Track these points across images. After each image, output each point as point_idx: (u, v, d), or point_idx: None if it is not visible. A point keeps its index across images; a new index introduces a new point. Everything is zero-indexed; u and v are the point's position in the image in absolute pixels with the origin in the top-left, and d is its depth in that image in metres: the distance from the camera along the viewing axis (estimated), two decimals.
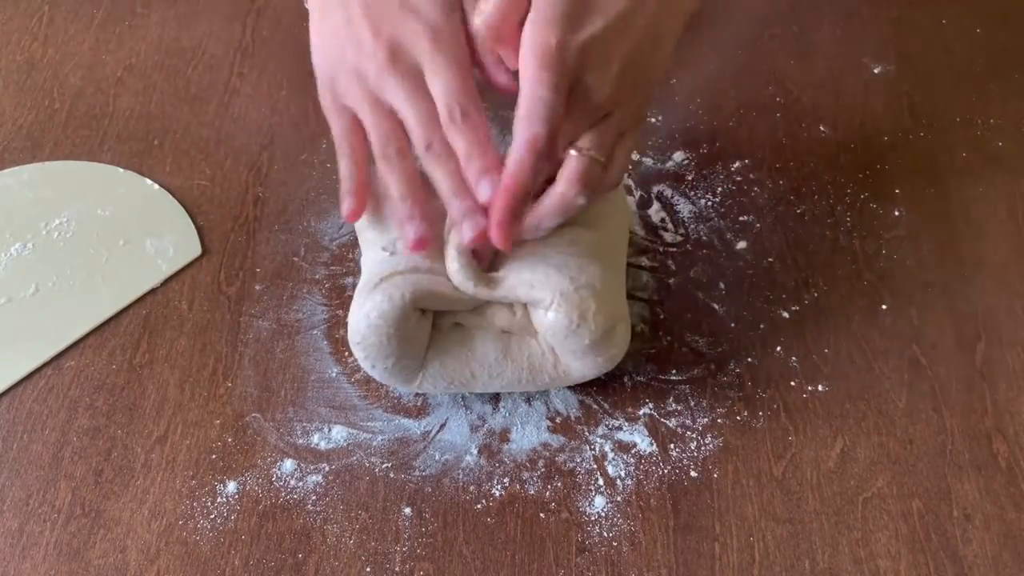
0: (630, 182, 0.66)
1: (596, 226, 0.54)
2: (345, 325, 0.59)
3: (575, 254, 0.52)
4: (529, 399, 0.56)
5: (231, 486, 0.54)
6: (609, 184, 0.51)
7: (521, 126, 0.47)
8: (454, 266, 0.50)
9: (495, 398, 0.56)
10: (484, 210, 0.48)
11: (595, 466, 0.54)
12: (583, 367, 0.53)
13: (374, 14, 0.50)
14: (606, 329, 0.51)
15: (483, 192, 0.48)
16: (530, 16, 0.47)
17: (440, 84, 0.48)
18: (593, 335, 0.50)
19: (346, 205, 0.52)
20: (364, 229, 0.55)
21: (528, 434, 0.55)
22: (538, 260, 0.51)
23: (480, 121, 0.49)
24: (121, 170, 0.68)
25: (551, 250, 0.51)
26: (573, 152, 0.48)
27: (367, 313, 0.50)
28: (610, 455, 0.54)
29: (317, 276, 0.62)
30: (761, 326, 0.59)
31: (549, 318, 0.50)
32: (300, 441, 0.55)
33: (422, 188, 0.51)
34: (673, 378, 0.57)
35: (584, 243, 0.53)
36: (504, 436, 0.55)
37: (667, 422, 0.55)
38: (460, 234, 0.49)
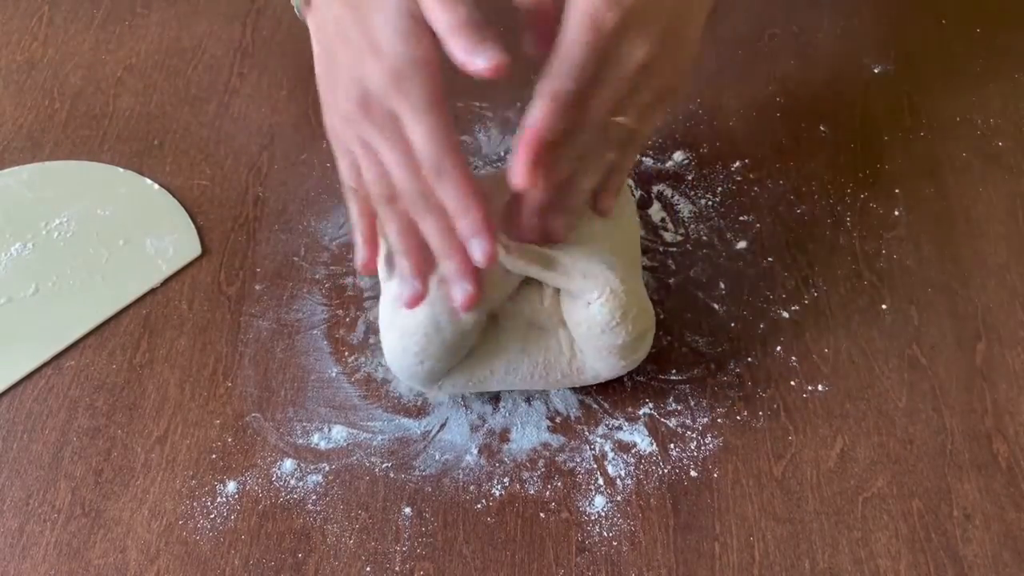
0: (630, 182, 0.66)
1: (628, 228, 0.55)
2: (345, 324, 0.60)
3: (618, 253, 0.52)
4: (529, 399, 0.56)
5: (231, 486, 0.54)
6: (631, 149, 0.52)
7: (549, 79, 0.46)
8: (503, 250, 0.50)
9: (495, 398, 0.56)
10: (474, 271, 0.48)
11: (595, 466, 0.54)
12: (600, 367, 0.53)
13: (349, 54, 0.48)
14: (640, 333, 0.51)
15: (476, 251, 0.47)
16: None
17: (416, 135, 0.47)
18: (629, 335, 0.51)
19: (359, 256, 0.53)
20: None
21: (528, 434, 0.55)
22: (593, 252, 0.51)
23: (463, 171, 0.47)
24: (121, 170, 0.68)
25: (601, 245, 0.52)
26: (613, 119, 0.49)
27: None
28: (610, 455, 0.54)
29: (317, 276, 0.62)
30: (761, 326, 0.59)
31: (592, 311, 0.50)
32: (300, 441, 0.55)
33: (418, 233, 0.50)
34: (673, 378, 0.57)
35: (620, 243, 0.54)
36: (504, 436, 0.55)
37: (667, 422, 0.55)
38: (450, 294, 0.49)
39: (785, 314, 0.60)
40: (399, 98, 0.46)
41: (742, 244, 0.63)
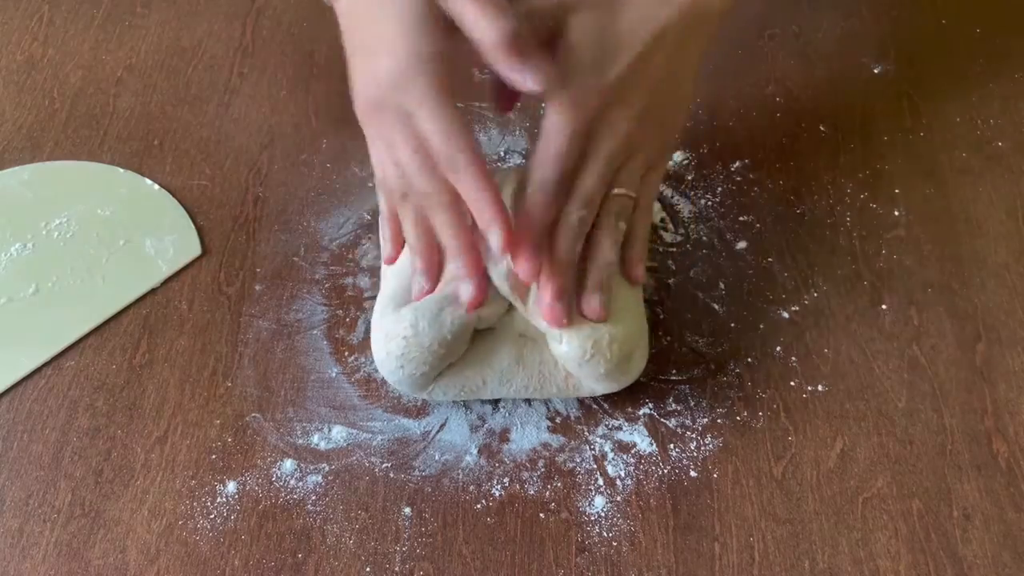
0: None
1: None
2: (345, 325, 0.60)
3: None
4: (529, 399, 0.56)
5: (231, 486, 0.54)
6: (641, 215, 0.54)
7: (536, 168, 0.49)
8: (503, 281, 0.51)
9: (495, 398, 0.56)
10: (482, 271, 0.50)
11: (595, 466, 0.54)
12: (595, 386, 0.53)
13: (364, 46, 0.50)
14: (622, 357, 0.51)
15: (494, 240, 0.47)
16: (560, 61, 0.49)
17: (429, 130, 0.47)
18: (608, 364, 0.50)
19: (384, 252, 0.55)
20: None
21: (528, 434, 0.55)
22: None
23: (478, 164, 0.47)
24: (121, 170, 0.68)
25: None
26: (613, 192, 0.51)
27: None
28: (610, 455, 0.54)
29: (317, 276, 0.62)
30: (761, 326, 0.59)
31: (562, 349, 0.51)
32: (300, 441, 0.55)
33: (431, 231, 0.51)
34: (673, 378, 0.57)
35: None
36: (504, 436, 0.55)
37: (667, 422, 0.55)
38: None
39: (785, 314, 0.60)
40: (406, 94, 0.47)
41: (742, 244, 0.63)
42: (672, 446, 0.54)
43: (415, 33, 0.47)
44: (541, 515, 0.52)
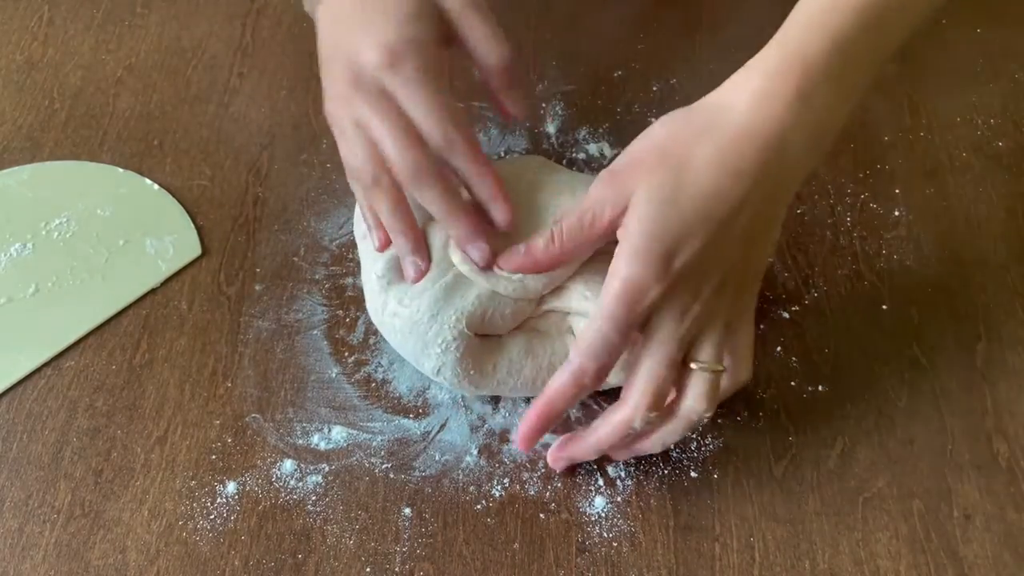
0: None
1: None
2: (345, 325, 0.60)
3: None
4: (529, 399, 0.56)
5: (231, 486, 0.53)
6: (739, 383, 0.51)
7: (575, 352, 0.46)
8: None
9: (495, 398, 0.56)
10: (484, 231, 0.49)
11: (595, 466, 0.54)
12: (610, 379, 0.53)
13: (348, 37, 0.49)
14: None
15: (498, 215, 0.48)
16: (620, 247, 0.45)
17: (417, 113, 0.47)
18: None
19: (374, 241, 0.52)
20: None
21: None
22: (595, 273, 0.51)
23: (473, 140, 0.47)
24: (121, 170, 0.68)
25: (605, 264, 0.51)
26: (694, 367, 0.47)
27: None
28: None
29: (317, 276, 0.62)
30: (761, 326, 0.59)
31: (586, 306, 0.51)
32: (300, 441, 0.55)
33: (408, 216, 0.51)
34: None
35: None
36: (504, 436, 0.55)
37: None
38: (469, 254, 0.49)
39: (785, 314, 0.60)
40: (394, 75, 0.47)
41: None
42: (672, 446, 0.54)
43: (408, 22, 0.48)
44: (541, 515, 0.52)
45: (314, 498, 0.53)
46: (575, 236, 0.46)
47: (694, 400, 0.47)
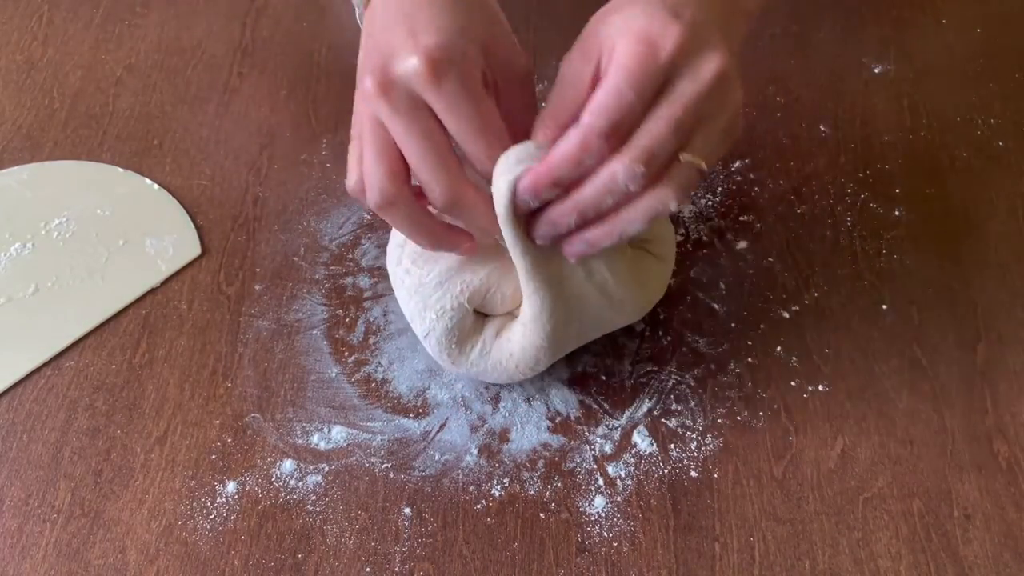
0: None
1: None
2: (345, 324, 0.60)
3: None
4: (529, 399, 0.56)
5: (231, 486, 0.53)
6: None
7: (586, 113, 0.42)
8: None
9: (495, 398, 0.56)
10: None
11: (595, 466, 0.54)
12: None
13: (384, 26, 0.45)
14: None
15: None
16: (615, 20, 0.43)
17: (456, 128, 0.44)
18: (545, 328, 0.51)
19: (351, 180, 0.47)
20: None
21: (528, 434, 0.55)
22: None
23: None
24: (121, 170, 0.68)
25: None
26: (683, 158, 0.43)
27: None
28: (610, 455, 0.54)
29: (317, 276, 0.62)
30: (761, 326, 0.59)
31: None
32: (300, 441, 0.55)
33: (430, 220, 0.47)
34: (673, 378, 0.57)
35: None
36: (504, 436, 0.55)
37: (667, 422, 0.55)
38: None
39: (785, 314, 0.60)
40: (434, 88, 0.43)
41: (742, 244, 0.63)
42: (672, 446, 0.54)
43: (455, 21, 0.44)
44: (541, 515, 0.52)
45: (314, 498, 0.53)
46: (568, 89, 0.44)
47: (669, 187, 0.43)
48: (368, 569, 0.51)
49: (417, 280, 0.53)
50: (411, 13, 0.44)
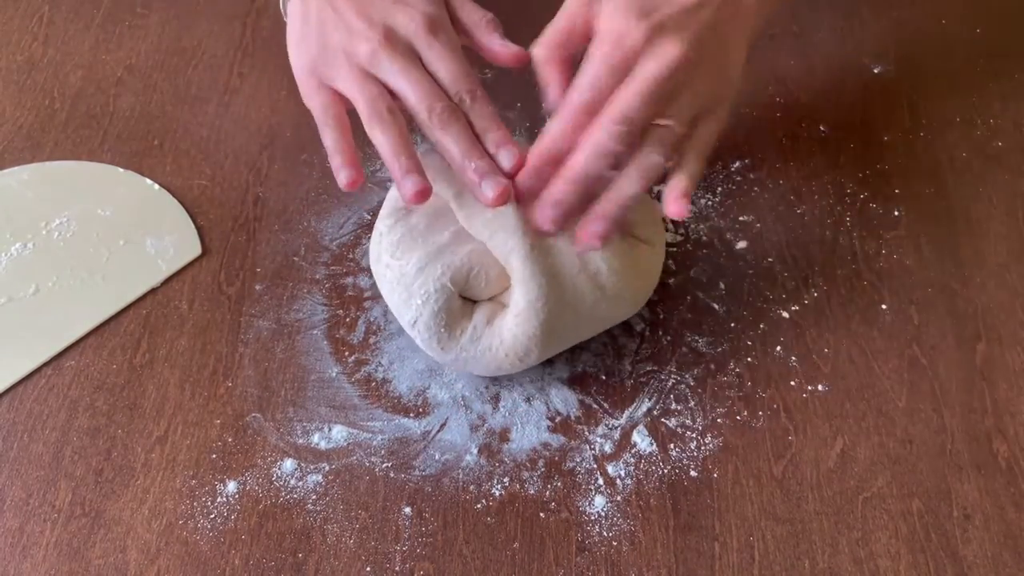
0: None
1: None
2: (345, 324, 0.60)
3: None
4: (529, 398, 0.56)
5: (231, 486, 0.54)
6: (692, 154, 0.52)
7: (570, 90, 0.50)
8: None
9: (495, 398, 0.56)
10: (500, 170, 0.51)
11: (595, 466, 0.54)
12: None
13: (362, 4, 0.53)
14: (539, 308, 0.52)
15: (504, 159, 0.50)
16: (604, 7, 0.50)
17: (445, 68, 0.52)
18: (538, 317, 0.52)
19: (343, 176, 0.52)
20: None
21: (528, 434, 0.55)
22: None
23: (489, 102, 0.52)
24: (121, 170, 0.68)
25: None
26: (662, 122, 0.50)
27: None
28: (610, 455, 0.54)
29: (317, 276, 0.62)
30: (761, 326, 0.59)
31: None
32: (300, 441, 0.55)
33: (412, 144, 0.52)
34: (673, 378, 0.57)
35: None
36: (504, 436, 0.55)
37: (667, 422, 0.55)
38: (480, 195, 0.51)
39: (785, 314, 0.60)
40: (430, 38, 0.52)
41: (742, 244, 0.63)
42: (672, 446, 0.54)
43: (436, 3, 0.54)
44: (541, 515, 0.52)
45: (314, 497, 0.53)
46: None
47: (650, 144, 0.49)
48: (368, 568, 0.51)
49: (398, 272, 0.53)
50: None
